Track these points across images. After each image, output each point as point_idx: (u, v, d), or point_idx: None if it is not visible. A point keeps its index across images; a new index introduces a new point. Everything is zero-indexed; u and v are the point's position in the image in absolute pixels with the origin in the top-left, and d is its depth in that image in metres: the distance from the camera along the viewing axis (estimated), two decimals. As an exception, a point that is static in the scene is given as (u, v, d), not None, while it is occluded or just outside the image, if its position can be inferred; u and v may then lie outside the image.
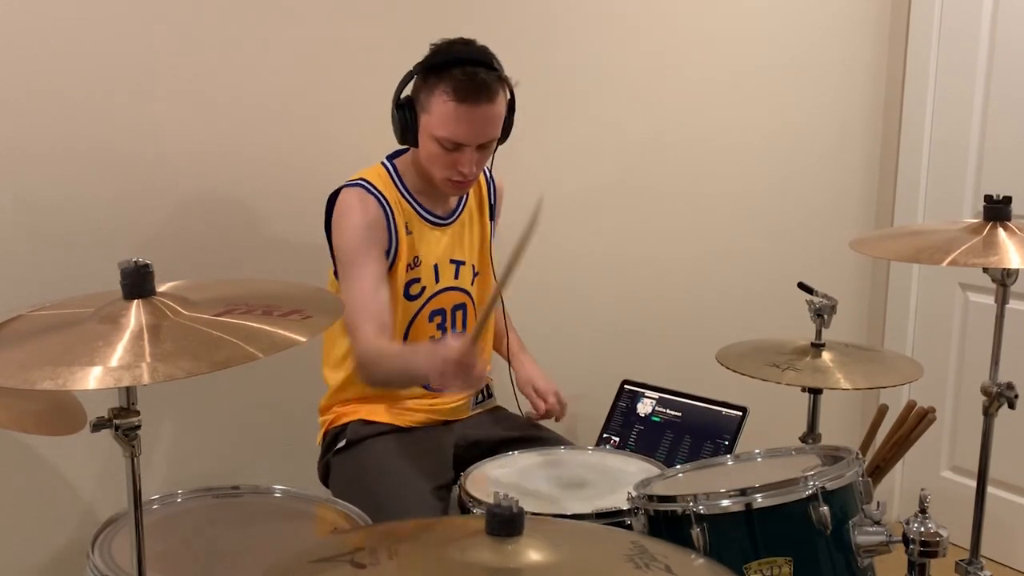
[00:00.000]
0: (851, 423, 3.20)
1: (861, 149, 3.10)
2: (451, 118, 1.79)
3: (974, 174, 2.89)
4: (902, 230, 2.47)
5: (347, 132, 2.20)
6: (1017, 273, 1.89)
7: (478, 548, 1.08)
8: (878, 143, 3.11)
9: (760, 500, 1.43)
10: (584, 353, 2.62)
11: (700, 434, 2.12)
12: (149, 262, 1.23)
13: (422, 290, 1.94)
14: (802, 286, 2.07)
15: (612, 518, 1.61)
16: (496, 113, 1.83)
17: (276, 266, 2.16)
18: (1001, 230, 1.82)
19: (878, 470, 2.09)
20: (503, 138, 1.89)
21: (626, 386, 2.29)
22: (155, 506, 1.65)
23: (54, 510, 2.03)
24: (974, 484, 2.02)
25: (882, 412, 2.17)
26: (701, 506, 1.43)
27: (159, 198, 2.03)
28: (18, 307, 1.31)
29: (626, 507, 1.57)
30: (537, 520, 1.32)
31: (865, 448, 2.10)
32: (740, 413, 2.10)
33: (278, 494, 1.72)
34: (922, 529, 1.39)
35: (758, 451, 1.73)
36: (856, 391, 3.01)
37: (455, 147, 1.82)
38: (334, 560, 1.11)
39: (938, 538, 1.39)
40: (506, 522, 1.07)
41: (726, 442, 2.08)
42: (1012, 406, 1.94)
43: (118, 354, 1.11)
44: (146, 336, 1.14)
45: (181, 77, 2.02)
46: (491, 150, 1.88)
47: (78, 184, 1.94)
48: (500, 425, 2.08)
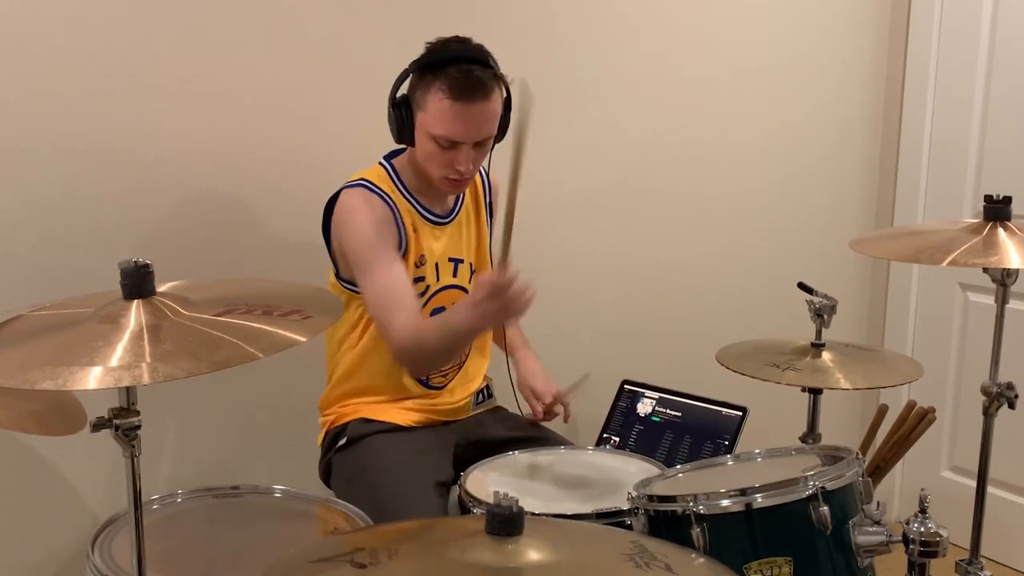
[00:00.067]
0: (851, 423, 3.19)
1: (861, 149, 3.10)
2: (447, 115, 1.79)
3: (974, 174, 2.89)
4: (902, 230, 2.47)
5: (347, 132, 2.20)
6: (1017, 273, 1.89)
7: (478, 548, 1.08)
8: (878, 143, 3.11)
9: (760, 500, 1.43)
10: (584, 353, 2.62)
11: (700, 434, 2.12)
12: (149, 262, 1.23)
13: (426, 288, 1.94)
14: (802, 286, 2.07)
15: (612, 518, 1.61)
16: (492, 110, 1.83)
17: (276, 266, 2.16)
18: (1001, 230, 1.82)
19: (878, 470, 2.09)
20: (500, 137, 1.89)
21: (626, 386, 2.28)
22: (155, 506, 1.65)
23: (54, 510, 2.03)
24: (974, 484, 2.02)
25: (882, 412, 2.17)
26: (701, 506, 1.43)
27: (159, 198, 2.04)
28: (18, 307, 1.31)
29: (626, 507, 1.57)
30: (537, 520, 1.32)
31: (865, 448, 2.10)
32: (740, 413, 2.10)
33: (278, 494, 1.72)
34: (922, 529, 1.39)
35: (758, 451, 1.73)
36: (856, 391, 3.01)
37: (451, 145, 1.82)
38: (334, 560, 1.11)
39: (938, 538, 1.39)
40: (506, 522, 1.07)
41: (726, 442, 2.07)
42: (1012, 406, 1.94)
43: (118, 354, 1.11)
44: (146, 336, 1.14)
45: (181, 77, 2.02)
46: (488, 148, 1.88)
47: (78, 184, 1.94)
48: (500, 425, 2.08)
